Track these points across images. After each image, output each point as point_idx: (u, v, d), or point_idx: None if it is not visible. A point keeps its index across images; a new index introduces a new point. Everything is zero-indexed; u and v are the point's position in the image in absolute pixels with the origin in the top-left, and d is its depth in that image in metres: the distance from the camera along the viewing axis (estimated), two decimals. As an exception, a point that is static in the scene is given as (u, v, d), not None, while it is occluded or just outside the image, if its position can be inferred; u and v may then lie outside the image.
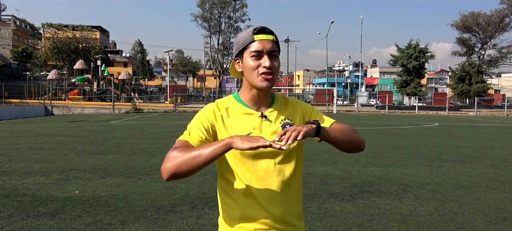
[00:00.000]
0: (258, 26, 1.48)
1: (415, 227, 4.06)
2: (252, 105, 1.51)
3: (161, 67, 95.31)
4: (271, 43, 1.44)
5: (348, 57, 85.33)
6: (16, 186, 5.74)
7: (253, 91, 1.49)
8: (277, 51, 1.47)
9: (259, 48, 1.42)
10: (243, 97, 1.53)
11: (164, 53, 62.62)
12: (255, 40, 1.43)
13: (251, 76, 1.46)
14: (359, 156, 8.80)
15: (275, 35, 1.48)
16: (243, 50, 1.46)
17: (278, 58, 1.48)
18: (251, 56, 1.44)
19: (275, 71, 1.45)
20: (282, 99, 1.60)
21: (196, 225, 4.06)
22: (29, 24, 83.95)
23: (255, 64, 1.44)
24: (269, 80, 1.44)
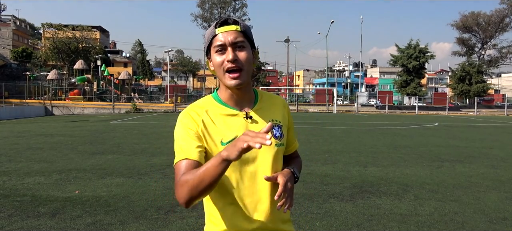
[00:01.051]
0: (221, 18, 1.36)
1: (415, 227, 4.05)
2: (233, 104, 1.38)
3: (161, 67, 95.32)
4: (235, 33, 1.30)
5: (348, 57, 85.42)
6: (16, 186, 5.74)
7: (229, 90, 1.36)
8: (245, 42, 1.32)
9: (221, 42, 1.30)
10: (222, 97, 1.39)
11: (164, 53, 62.66)
12: (217, 33, 1.31)
13: (219, 75, 1.34)
14: (359, 156, 8.80)
15: (241, 24, 1.33)
16: (210, 47, 1.35)
17: (246, 50, 1.32)
18: (215, 52, 1.32)
19: (243, 65, 1.30)
20: (267, 97, 1.47)
21: (196, 225, 4.06)
22: (29, 24, 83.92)
23: (220, 60, 1.31)
24: (237, 78, 1.30)
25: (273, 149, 1.37)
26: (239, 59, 1.30)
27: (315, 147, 10.34)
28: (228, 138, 1.32)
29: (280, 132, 1.41)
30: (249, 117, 1.37)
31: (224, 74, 1.31)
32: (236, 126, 1.35)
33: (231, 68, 1.30)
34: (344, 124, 20.75)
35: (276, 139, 1.38)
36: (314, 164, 7.61)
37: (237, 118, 1.36)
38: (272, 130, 1.38)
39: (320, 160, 8.09)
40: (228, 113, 1.36)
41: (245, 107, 1.39)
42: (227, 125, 1.35)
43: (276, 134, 1.39)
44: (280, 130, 1.41)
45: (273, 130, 1.39)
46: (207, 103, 1.39)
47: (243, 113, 1.37)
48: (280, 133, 1.41)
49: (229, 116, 1.36)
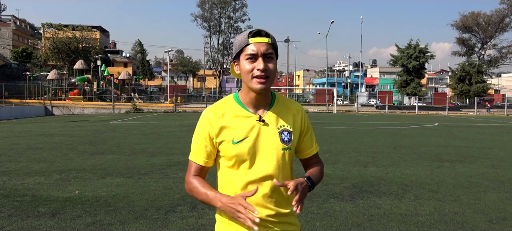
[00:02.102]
0: (254, 28, 1.49)
1: (415, 227, 4.05)
2: (250, 107, 1.52)
3: (161, 67, 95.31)
4: (266, 45, 1.45)
5: (348, 57, 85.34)
6: (16, 186, 5.74)
7: (251, 93, 1.50)
8: (273, 54, 1.48)
9: (254, 51, 1.44)
10: (242, 99, 1.54)
11: (164, 53, 62.66)
12: (250, 43, 1.45)
13: (246, 79, 1.47)
14: (359, 156, 8.80)
15: (271, 38, 1.48)
16: (240, 53, 1.48)
17: (274, 61, 1.48)
18: (246, 59, 1.45)
19: (270, 74, 1.46)
20: (283, 102, 1.60)
21: (196, 225, 4.06)
22: (29, 24, 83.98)
23: (250, 67, 1.45)
24: (263, 83, 1.45)
25: (279, 151, 1.50)
26: (268, 69, 1.45)
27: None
28: (239, 138, 1.48)
29: (288, 137, 1.53)
30: (262, 120, 1.50)
31: (252, 79, 1.45)
32: (249, 127, 1.49)
33: (259, 76, 1.44)
34: (344, 124, 20.76)
35: (284, 143, 1.51)
36: (314, 164, 7.60)
37: (251, 119, 1.50)
38: (281, 134, 1.52)
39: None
40: (243, 115, 1.51)
41: (260, 110, 1.53)
42: (241, 125, 1.49)
43: (285, 138, 1.52)
44: (289, 135, 1.53)
45: (282, 134, 1.52)
46: (227, 104, 1.54)
47: (257, 116, 1.51)
48: (288, 138, 1.53)
49: (244, 117, 1.51)
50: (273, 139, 1.50)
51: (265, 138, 1.49)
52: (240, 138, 1.47)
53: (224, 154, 1.51)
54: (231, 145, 1.48)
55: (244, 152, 1.47)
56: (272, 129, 1.51)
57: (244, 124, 1.49)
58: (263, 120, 1.51)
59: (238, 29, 57.06)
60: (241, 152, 1.47)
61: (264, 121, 1.51)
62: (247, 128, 1.49)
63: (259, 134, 1.49)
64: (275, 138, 1.50)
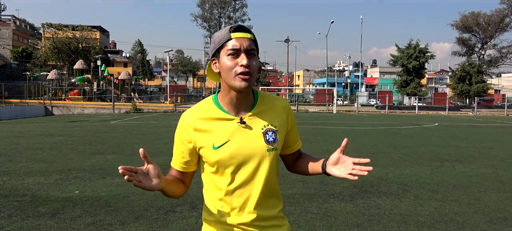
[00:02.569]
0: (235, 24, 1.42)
1: (415, 227, 4.05)
2: (230, 109, 1.43)
3: (161, 67, 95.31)
4: (249, 41, 1.37)
5: (348, 57, 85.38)
6: (16, 186, 5.74)
7: (231, 93, 1.40)
8: (255, 51, 1.40)
9: (236, 46, 1.35)
10: (221, 101, 1.45)
11: (164, 53, 62.66)
12: (232, 38, 1.36)
13: (228, 77, 1.37)
14: (359, 156, 8.75)
15: (253, 34, 1.41)
16: (220, 49, 1.39)
17: (256, 58, 1.40)
18: (227, 55, 1.36)
19: (253, 71, 1.37)
20: (268, 100, 1.51)
21: (196, 225, 4.06)
22: (29, 24, 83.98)
23: (232, 63, 1.36)
24: (247, 80, 1.36)
25: (264, 153, 1.42)
26: (251, 66, 1.37)
27: (315, 146, 10.34)
28: (220, 142, 1.40)
29: (273, 137, 1.44)
30: (243, 122, 1.42)
31: (235, 77, 1.35)
32: (229, 131, 1.41)
33: (243, 72, 1.35)
34: (344, 124, 20.75)
35: (268, 144, 1.43)
36: (314, 164, 7.60)
37: (232, 122, 1.42)
38: (266, 134, 1.43)
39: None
40: (223, 118, 1.42)
41: (241, 113, 1.43)
42: (221, 129, 1.41)
43: (269, 139, 1.43)
44: (274, 135, 1.45)
45: (266, 134, 1.43)
46: (205, 107, 1.46)
47: (237, 118, 1.42)
48: (273, 138, 1.44)
49: (224, 120, 1.42)
50: (256, 140, 1.41)
51: (248, 141, 1.41)
52: (221, 143, 1.39)
53: (206, 160, 1.44)
54: (211, 151, 1.40)
55: (226, 157, 1.39)
56: (256, 130, 1.42)
57: (224, 127, 1.41)
58: (245, 122, 1.42)
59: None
60: (223, 157, 1.39)
61: (246, 123, 1.42)
62: (228, 132, 1.40)
63: (241, 137, 1.41)
64: (259, 140, 1.42)
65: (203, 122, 1.43)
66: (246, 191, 1.42)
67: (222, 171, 1.42)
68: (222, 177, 1.43)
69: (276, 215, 1.48)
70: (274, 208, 1.48)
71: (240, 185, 1.42)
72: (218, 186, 1.44)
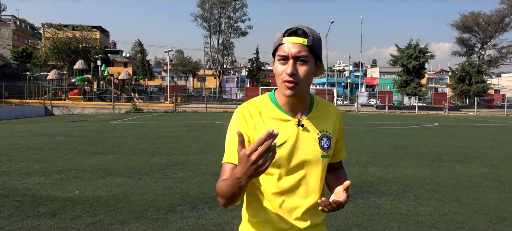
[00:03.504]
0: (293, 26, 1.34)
1: (415, 227, 4.05)
2: (288, 110, 1.40)
3: (161, 67, 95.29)
4: (299, 47, 1.30)
5: (348, 57, 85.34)
6: (16, 186, 5.74)
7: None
8: (308, 57, 1.32)
9: (284, 53, 1.31)
10: (279, 100, 1.41)
11: (164, 53, 62.65)
12: (283, 43, 1.32)
13: (277, 81, 1.36)
14: (359, 156, 8.80)
15: (309, 38, 1.32)
16: (275, 52, 1.36)
17: (308, 64, 1.32)
18: (278, 60, 1.34)
19: (300, 80, 1.31)
20: (322, 105, 1.48)
21: (196, 225, 4.06)
22: (29, 24, 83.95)
23: (281, 69, 1.33)
24: (292, 89, 1.31)
25: (319, 160, 1.39)
26: (298, 74, 1.31)
27: (315, 147, 10.33)
28: (278, 142, 1.32)
29: (328, 144, 1.42)
30: (301, 125, 1.39)
31: (281, 83, 1.33)
32: (288, 132, 1.37)
33: (288, 80, 1.31)
34: (344, 124, 20.70)
35: (323, 150, 1.40)
36: (314, 164, 7.60)
37: (290, 123, 1.38)
38: (321, 140, 1.41)
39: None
40: (281, 118, 1.39)
41: (299, 114, 1.40)
42: (280, 129, 1.35)
43: (324, 145, 1.41)
44: (328, 141, 1.43)
45: (322, 140, 1.41)
46: (263, 104, 1.42)
47: (295, 120, 1.39)
48: (327, 145, 1.42)
49: (282, 121, 1.38)
50: (312, 145, 1.39)
51: (304, 144, 1.37)
52: (279, 142, 1.33)
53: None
54: None
55: (283, 157, 1.35)
56: (312, 134, 1.39)
57: (283, 127, 1.37)
58: (303, 125, 1.39)
59: (238, 29, 57.09)
60: (280, 157, 1.34)
61: (304, 126, 1.39)
62: (286, 132, 1.36)
63: (297, 140, 1.37)
64: (314, 144, 1.39)
65: (263, 118, 1.38)
66: (297, 196, 1.38)
67: (275, 171, 1.36)
68: (270, 178, 1.37)
69: (321, 222, 1.46)
70: (320, 215, 1.45)
71: (291, 188, 1.37)
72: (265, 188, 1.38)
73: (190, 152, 9.13)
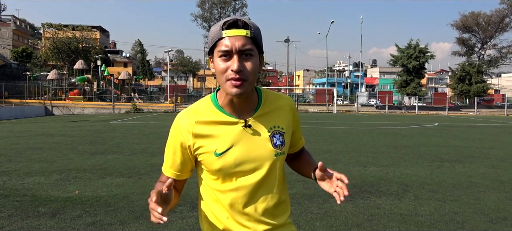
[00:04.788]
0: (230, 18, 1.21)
1: (415, 227, 4.05)
2: (232, 111, 1.28)
3: (161, 67, 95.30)
4: (243, 40, 1.18)
5: (348, 57, 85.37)
6: (16, 186, 5.73)
7: (229, 95, 1.25)
8: (253, 50, 1.20)
9: (227, 47, 1.17)
10: (221, 102, 1.29)
11: (164, 53, 62.65)
12: (224, 36, 1.18)
13: (220, 80, 1.22)
14: (359, 156, 8.80)
15: (251, 29, 1.20)
16: (213, 48, 1.22)
17: (254, 59, 1.20)
18: (219, 56, 1.20)
19: (248, 75, 1.19)
20: (272, 99, 1.36)
21: (196, 225, 4.05)
22: (29, 24, 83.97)
23: (224, 66, 1.19)
24: (239, 87, 1.18)
25: (271, 158, 1.30)
26: (245, 69, 1.19)
27: (315, 146, 10.34)
28: (223, 148, 1.26)
29: (281, 140, 1.33)
30: (248, 126, 1.28)
31: (226, 82, 1.20)
32: (233, 135, 1.27)
33: (234, 78, 1.19)
34: (344, 124, 20.75)
35: (276, 148, 1.31)
36: (314, 164, 7.60)
37: (236, 126, 1.28)
38: (273, 137, 1.31)
39: (320, 160, 8.07)
40: (225, 121, 1.28)
41: (245, 115, 1.29)
42: (224, 134, 1.27)
43: (277, 142, 1.32)
44: (281, 138, 1.33)
45: (274, 137, 1.31)
46: (203, 109, 1.31)
47: (242, 121, 1.28)
48: (280, 141, 1.33)
49: (226, 124, 1.27)
50: (263, 145, 1.29)
51: (255, 146, 1.28)
52: (224, 149, 1.25)
53: (206, 167, 1.30)
54: (213, 157, 1.26)
55: (230, 164, 1.26)
56: (262, 133, 1.29)
57: (228, 131, 1.26)
58: (250, 125, 1.28)
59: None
60: (227, 164, 1.26)
61: (251, 126, 1.28)
62: (231, 136, 1.26)
63: (246, 142, 1.27)
64: (266, 144, 1.29)
65: (203, 126, 1.28)
66: (254, 200, 1.29)
67: (226, 179, 1.29)
68: (224, 185, 1.30)
69: (285, 223, 1.37)
70: (283, 215, 1.37)
71: (247, 194, 1.29)
72: (220, 196, 1.31)
73: (190, 152, 9.12)
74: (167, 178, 1.35)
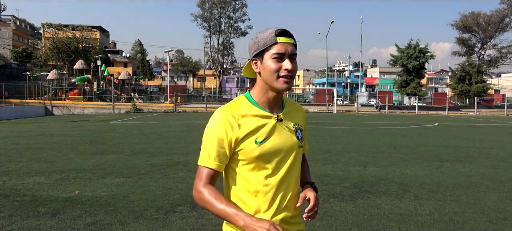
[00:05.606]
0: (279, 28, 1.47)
1: (415, 227, 4.05)
2: (267, 107, 1.51)
3: (161, 67, 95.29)
4: (292, 46, 1.46)
5: (348, 57, 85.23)
6: (16, 186, 5.74)
7: (269, 93, 1.49)
8: (296, 55, 1.49)
9: (282, 51, 1.43)
10: (257, 99, 1.52)
11: (164, 53, 62.59)
12: (278, 42, 1.44)
13: (270, 78, 1.45)
14: (359, 156, 8.80)
15: (294, 38, 1.49)
16: (264, 52, 1.46)
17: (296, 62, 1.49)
18: (272, 58, 1.44)
19: (294, 74, 1.47)
20: (290, 103, 1.63)
21: (196, 225, 4.06)
22: (29, 24, 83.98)
23: (276, 66, 1.44)
24: (288, 83, 1.46)
25: (297, 149, 1.53)
26: (293, 69, 1.45)
27: (315, 146, 10.34)
28: (262, 138, 1.46)
29: (301, 135, 1.56)
30: (280, 119, 1.51)
31: (278, 79, 1.44)
32: (269, 127, 1.48)
33: (286, 75, 1.44)
34: (344, 124, 20.75)
35: (299, 141, 1.54)
36: (314, 164, 7.61)
37: (270, 119, 1.50)
38: (297, 132, 1.55)
39: (320, 160, 8.09)
40: (261, 115, 1.49)
41: (275, 111, 1.53)
42: (262, 126, 1.47)
43: (299, 136, 1.55)
44: (301, 133, 1.57)
45: (297, 132, 1.55)
46: (241, 105, 1.50)
47: (275, 115, 1.51)
48: (301, 136, 1.56)
49: (263, 117, 1.49)
50: (291, 137, 1.52)
51: (285, 137, 1.51)
52: (263, 138, 1.46)
53: (245, 156, 1.46)
54: (254, 145, 1.45)
55: (269, 152, 1.46)
56: (290, 127, 1.54)
57: (265, 123, 1.48)
58: (281, 119, 1.52)
59: (238, 29, 57.04)
60: (266, 152, 1.45)
61: (282, 120, 1.52)
62: (268, 128, 1.48)
63: (280, 133, 1.50)
64: (292, 136, 1.53)
65: (245, 118, 1.47)
66: (283, 187, 1.48)
67: (260, 167, 1.46)
68: (258, 173, 1.46)
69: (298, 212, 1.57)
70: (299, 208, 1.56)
71: (280, 181, 1.47)
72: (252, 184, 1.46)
73: (190, 152, 9.12)
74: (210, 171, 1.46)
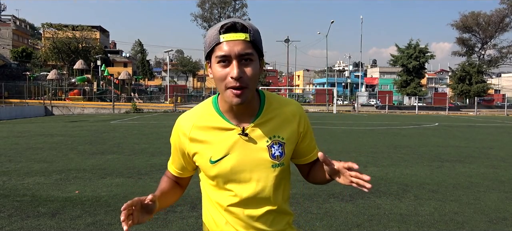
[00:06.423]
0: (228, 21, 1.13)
1: (415, 227, 4.05)
2: (231, 117, 1.22)
3: (161, 67, 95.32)
4: (242, 44, 1.11)
5: (348, 57, 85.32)
6: (16, 186, 5.73)
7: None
8: (253, 54, 1.13)
9: (226, 52, 1.10)
10: (221, 106, 1.23)
11: (164, 53, 62.63)
12: (222, 41, 1.11)
13: (219, 88, 1.15)
14: (359, 156, 8.80)
15: (250, 32, 1.13)
16: (211, 53, 1.15)
17: (254, 64, 1.13)
18: (217, 62, 1.13)
19: (248, 82, 1.12)
20: (276, 105, 1.28)
21: (196, 225, 4.06)
22: (29, 24, 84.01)
23: (223, 73, 1.12)
24: (240, 96, 1.12)
25: (268, 169, 1.23)
26: (245, 75, 1.12)
27: (315, 147, 10.34)
28: (218, 156, 1.21)
29: (280, 151, 1.24)
30: (245, 134, 1.21)
31: (226, 90, 1.13)
32: (229, 143, 1.21)
33: (234, 87, 1.12)
34: (344, 124, 20.75)
35: (274, 159, 1.23)
36: (314, 164, 7.60)
37: (232, 133, 1.22)
38: (271, 148, 1.24)
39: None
40: (222, 127, 1.22)
41: (245, 121, 1.23)
42: (220, 141, 1.22)
43: (275, 153, 1.24)
44: (280, 148, 1.24)
45: (272, 148, 1.23)
46: (203, 113, 1.26)
47: (239, 129, 1.21)
48: (280, 152, 1.24)
49: (223, 130, 1.22)
50: (260, 155, 1.22)
51: (250, 155, 1.21)
52: (219, 156, 1.21)
53: (204, 172, 1.28)
54: (208, 164, 1.23)
55: (225, 173, 1.22)
56: (260, 143, 1.22)
57: (224, 138, 1.21)
58: (246, 134, 1.21)
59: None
60: (221, 172, 1.22)
61: (248, 135, 1.21)
62: (228, 144, 1.21)
63: (242, 151, 1.21)
64: (263, 154, 1.22)
65: (200, 131, 1.24)
66: (249, 210, 1.24)
67: (221, 186, 1.25)
68: (221, 192, 1.26)
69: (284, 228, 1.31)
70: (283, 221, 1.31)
71: (243, 202, 1.24)
72: (218, 200, 1.28)
73: (190, 152, 9.12)
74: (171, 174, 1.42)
